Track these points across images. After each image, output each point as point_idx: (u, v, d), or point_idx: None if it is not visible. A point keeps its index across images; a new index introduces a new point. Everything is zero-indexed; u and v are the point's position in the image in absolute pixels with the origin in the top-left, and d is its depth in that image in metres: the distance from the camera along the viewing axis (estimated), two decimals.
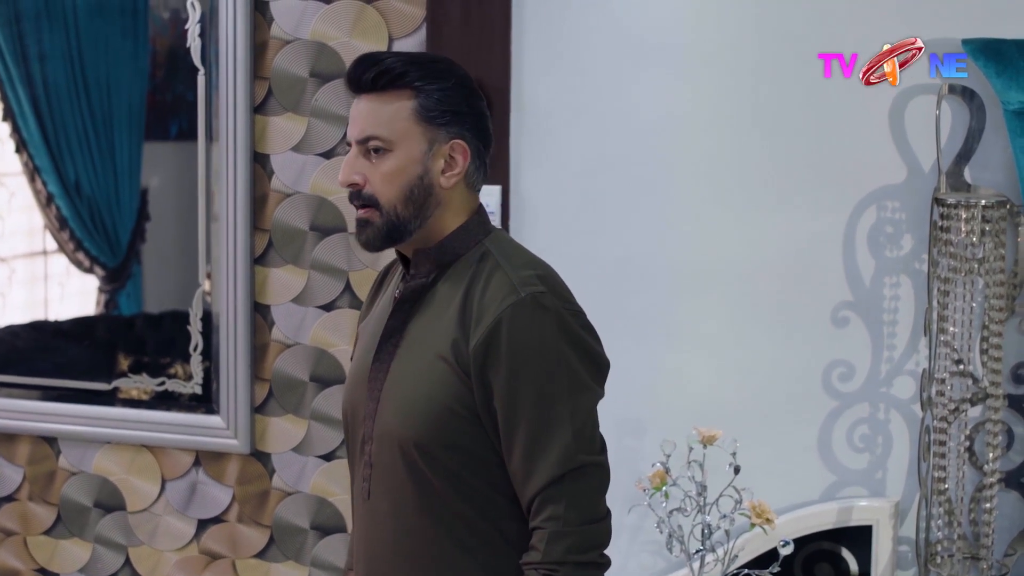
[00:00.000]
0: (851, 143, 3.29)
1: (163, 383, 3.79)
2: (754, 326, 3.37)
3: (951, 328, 3.17)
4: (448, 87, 2.22)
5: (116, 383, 3.84)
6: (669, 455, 3.17)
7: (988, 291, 3.16)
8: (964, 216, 3.13)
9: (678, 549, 3.18)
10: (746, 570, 3.26)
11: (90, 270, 3.92)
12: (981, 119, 3.19)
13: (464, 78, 2.27)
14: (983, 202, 3.13)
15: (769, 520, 3.11)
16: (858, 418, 3.35)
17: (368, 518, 2.28)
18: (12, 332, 3.97)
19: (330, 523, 3.70)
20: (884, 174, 3.28)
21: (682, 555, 3.19)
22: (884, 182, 3.28)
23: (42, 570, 3.97)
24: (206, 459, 3.79)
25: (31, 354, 3.94)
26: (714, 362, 3.40)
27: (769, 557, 3.25)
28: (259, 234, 3.69)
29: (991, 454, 3.17)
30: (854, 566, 3.35)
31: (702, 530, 3.17)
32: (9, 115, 3.87)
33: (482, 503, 2.21)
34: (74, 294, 3.95)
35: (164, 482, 3.84)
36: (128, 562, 3.89)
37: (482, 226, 2.28)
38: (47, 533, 3.95)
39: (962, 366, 3.19)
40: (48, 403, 3.88)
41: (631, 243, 3.42)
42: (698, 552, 3.17)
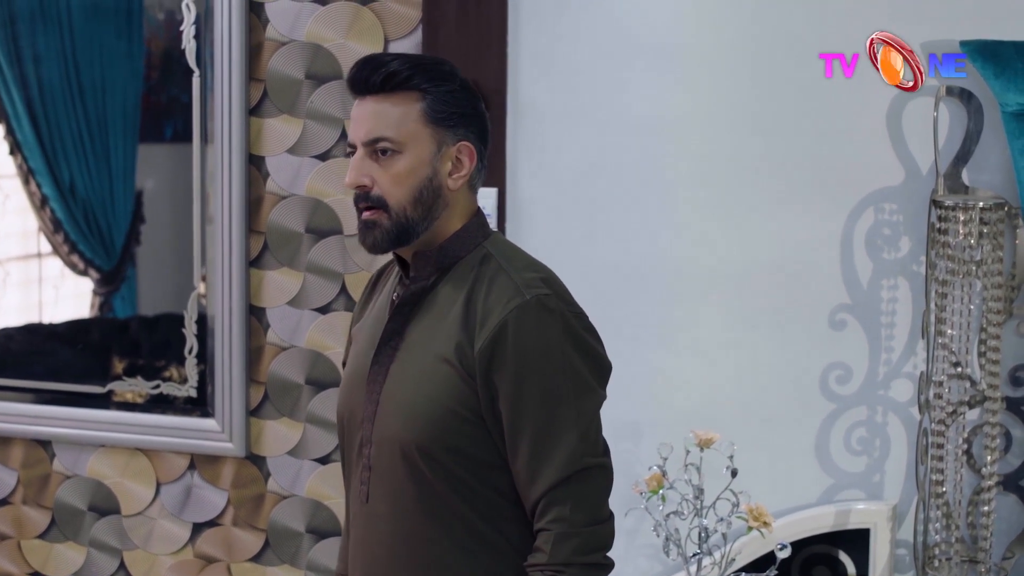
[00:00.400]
0: (848, 145, 3.28)
1: (158, 386, 3.78)
2: (751, 329, 3.37)
3: (949, 331, 3.17)
4: (455, 89, 2.24)
5: (111, 386, 3.83)
6: (666, 458, 3.17)
7: (986, 293, 3.15)
8: (962, 218, 3.12)
9: (675, 552, 3.18)
10: (743, 573, 3.26)
11: (84, 273, 3.91)
12: (979, 121, 3.18)
13: (464, 80, 2.28)
14: (981, 204, 3.12)
15: (766, 523, 3.11)
16: (855, 421, 3.34)
17: (366, 521, 2.27)
18: (6, 335, 3.96)
19: (326, 527, 3.69)
20: (881, 176, 3.28)
21: (679, 558, 3.19)
22: (881, 184, 3.28)
23: (36, 574, 3.95)
24: (201, 462, 3.78)
25: (25, 357, 3.93)
26: (711, 365, 3.39)
27: (766, 560, 3.25)
28: (254, 236, 3.68)
29: (989, 457, 3.16)
30: (852, 569, 3.34)
31: (699, 533, 3.16)
32: (3, 117, 3.85)
33: (483, 505, 2.20)
34: (68, 297, 3.94)
35: (159, 485, 3.82)
36: (123, 566, 3.88)
37: (481, 228, 2.28)
38: (41, 537, 3.94)
39: (960, 369, 3.18)
40: (42, 406, 3.87)
41: (628, 245, 3.42)
42: (695, 555, 3.17)
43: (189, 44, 3.65)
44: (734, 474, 3.13)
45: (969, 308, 3.17)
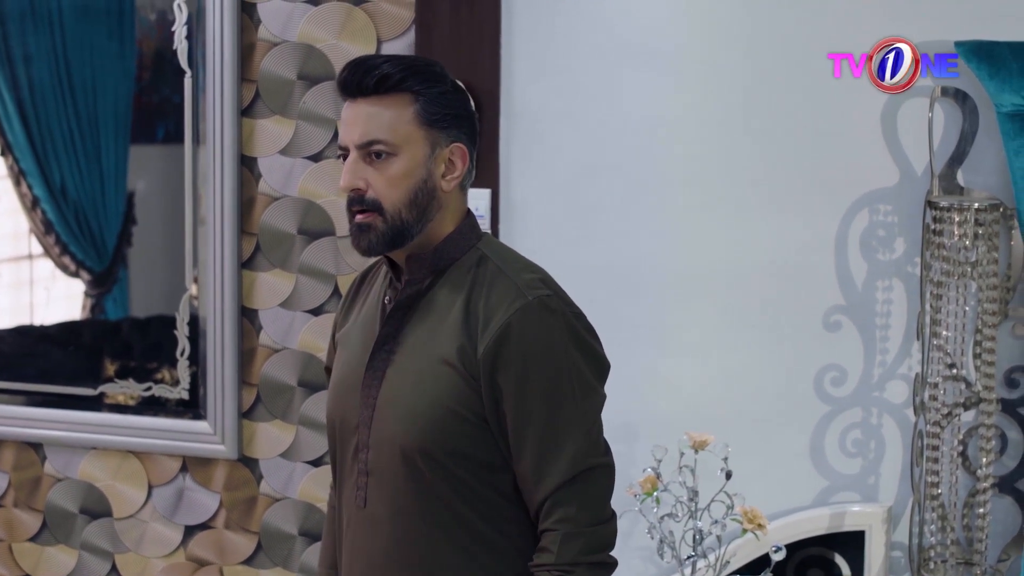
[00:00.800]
0: (843, 146, 3.28)
1: (149, 388, 3.77)
2: (746, 330, 3.36)
3: (944, 332, 3.16)
4: (447, 91, 2.23)
5: (102, 388, 3.81)
6: (660, 460, 3.16)
7: (981, 295, 3.15)
8: (957, 219, 3.11)
9: (669, 555, 3.17)
10: None
11: (76, 274, 3.89)
12: (974, 122, 3.17)
13: (454, 81, 2.28)
14: (976, 205, 3.11)
15: (761, 526, 3.10)
16: (850, 423, 3.34)
17: (363, 526, 2.26)
18: None
19: (318, 529, 3.67)
20: (876, 177, 3.27)
21: (673, 561, 3.18)
22: (876, 185, 3.27)
23: None
24: (193, 465, 3.77)
25: (16, 359, 3.92)
26: (705, 367, 3.39)
27: (761, 563, 3.25)
28: (246, 238, 3.67)
29: (984, 459, 3.16)
30: (847, 572, 3.34)
31: (693, 536, 3.15)
32: None
33: (484, 507, 2.20)
34: (60, 298, 3.93)
35: (151, 488, 3.81)
36: (114, 569, 3.86)
37: (474, 230, 2.28)
38: (32, 540, 3.92)
39: (955, 370, 3.17)
40: (33, 408, 3.86)
41: (622, 247, 3.41)
42: (689, 558, 3.16)
43: (181, 44, 3.64)
44: (728, 476, 3.13)
45: (964, 309, 3.16)
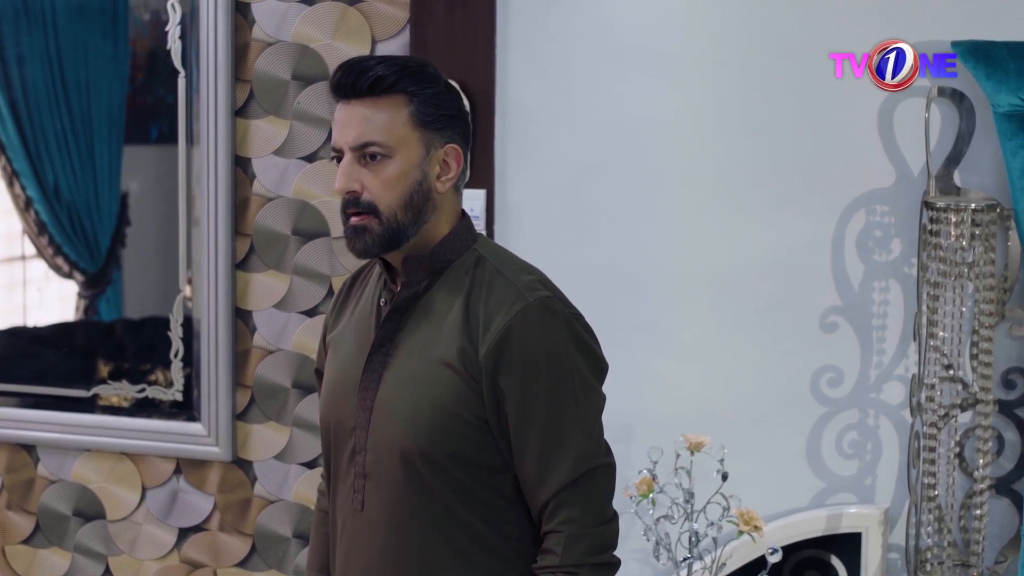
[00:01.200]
0: (839, 147, 3.27)
1: (143, 390, 3.76)
2: (742, 332, 3.35)
3: (941, 333, 3.15)
4: (440, 91, 2.22)
5: (96, 390, 3.80)
6: (656, 462, 3.16)
7: (978, 295, 3.14)
8: (954, 220, 3.10)
9: (665, 557, 3.17)
10: None
11: (69, 275, 3.88)
12: (971, 122, 3.17)
13: (448, 82, 2.27)
14: (973, 206, 3.11)
15: (757, 527, 3.09)
16: (847, 424, 3.33)
17: (360, 530, 2.25)
18: None
19: None
20: (873, 178, 3.26)
21: (669, 563, 3.18)
22: (873, 186, 3.26)
23: None
24: (187, 467, 3.76)
25: (9, 361, 3.90)
26: (702, 368, 3.38)
27: (757, 565, 3.24)
28: (240, 239, 3.66)
29: (981, 460, 3.15)
30: (843, 573, 3.33)
31: (690, 538, 3.15)
32: None
33: (484, 509, 2.20)
34: (53, 300, 3.92)
35: (144, 490, 3.80)
36: (108, 571, 3.85)
37: (470, 231, 2.28)
38: (25, 542, 3.91)
39: (952, 371, 3.17)
40: (26, 410, 3.85)
41: (618, 248, 3.40)
42: (686, 560, 3.16)
43: (175, 44, 3.63)
44: (725, 478, 3.12)
45: (961, 310, 3.16)
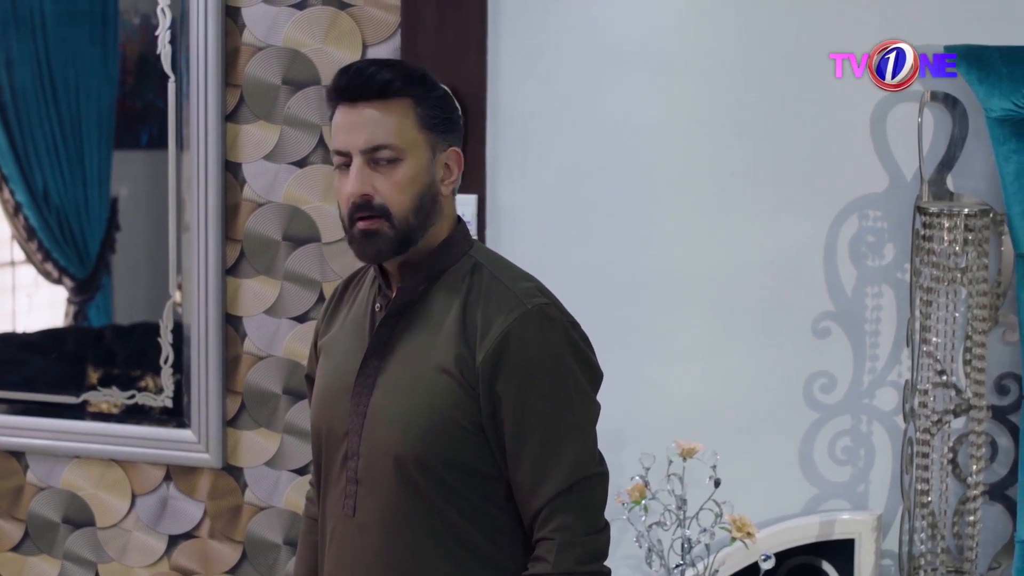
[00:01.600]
0: (832, 151, 3.26)
1: (133, 396, 3.74)
2: (734, 337, 3.34)
3: (934, 338, 3.15)
4: (441, 95, 2.24)
5: (85, 396, 3.79)
6: (648, 468, 3.15)
7: (971, 301, 3.13)
8: (947, 225, 3.10)
9: (658, 564, 3.16)
10: None
11: (59, 281, 3.87)
12: (964, 126, 3.16)
13: (443, 87, 2.29)
14: (966, 211, 3.10)
15: (750, 534, 3.09)
16: (840, 430, 3.32)
17: (352, 535, 2.25)
18: None
19: None
20: (865, 182, 3.26)
21: (662, 570, 3.17)
22: (865, 191, 3.26)
23: None
24: (177, 474, 3.74)
25: None
26: (694, 373, 3.37)
27: (750, 571, 3.23)
28: (231, 244, 3.64)
29: (975, 466, 3.15)
30: None
31: (682, 544, 3.14)
32: None
33: (478, 517, 2.20)
34: (42, 305, 3.90)
35: (134, 497, 3.79)
36: None
37: (466, 237, 2.28)
38: (14, 550, 3.89)
39: (945, 377, 3.16)
40: (15, 417, 3.83)
41: (610, 253, 3.39)
42: (678, 567, 3.15)
43: (164, 49, 3.62)
44: (717, 484, 3.11)
45: (954, 316, 3.15)
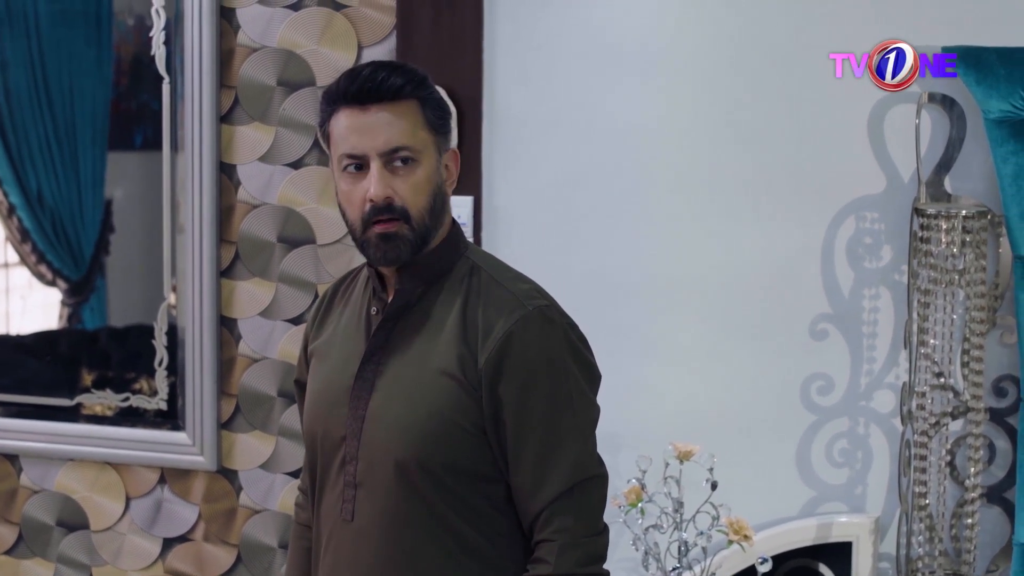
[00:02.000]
0: (829, 153, 3.26)
1: (127, 399, 3.73)
2: (731, 339, 3.33)
3: (931, 340, 3.14)
4: (439, 97, 2.24)
5: (79, 399, 3.78)
6: (645, 471, 3.14)
7: (969, 303, 3.12)
8: (944, 227, 3.09)
9: (654, 567, 3.15)
10: None
11: (53, 283, 3.86)
12: (961, 128, 3.16)
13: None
14: (964, 212, 3.09)
15: (747, 537, 3.08)
16: (837, 432, 3.31)
17: (349, 539, 2.24)
18: None
19: None
20: (863, 184, 3.25)
21: (659, 573, 3.16)
22: (863, 192, 3.25)
23: None
24: (171, 476, 3.73)
25: None
26: (691, 376, 3.36)
27: (747, 575, 3.23)
28: (225, 246, 3.63)
29: (972, 468, 3.14)
30: None
31: (679, 547, 3.13)
32: None
33: (477, 519, 2.19)
34: (36, 307, 3.89)
35: (128, 500, 3.77)
36: None
37: (461, 239, 2.28)
38: (8, 553, 3.89)
39: (943, 379, 3.15)
40: (9, 419, 3.82)
41: (606, 255, 3.39)
42: (675, 570, 3.14)
43: (159, 50, 3.61)
44: (714, 487, 3.10)
45: (952, 318, 3.14)
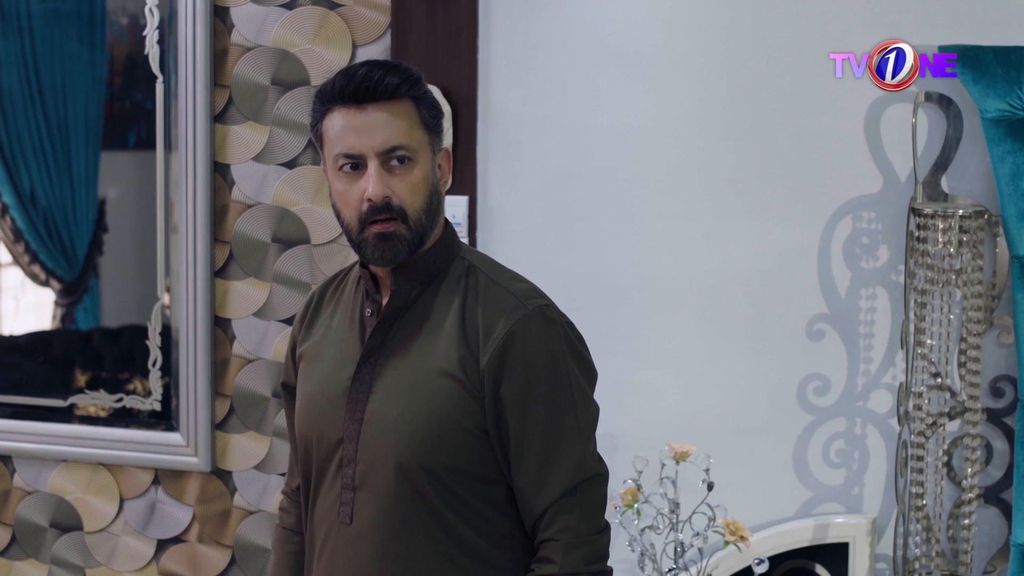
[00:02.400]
0: (825, 153, 3.25)
1: (121, 399, 3.72)
2: (728, 339, 3.33)
3: (928, 341, 3.13)
4: (432, 97, 2.23)
5: (73, 399, 3.77)
6: (641, 472, 3.14)
7: (966, 303, 3.12)
8: (941, 226, 3.08)
9: (651, 568, 3.15)
10: None
11: (46, 283, 3.84)
12: (958, 127, 3.15)
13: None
14: (960, 212, 3.09)
15: (743, 537, 3.08)
16: (834, 433, 3.31)
17: (347, 543, 2.23)
18: None
19: None
20: (859, 184, 3.25)
21: (655, 574, 3.15)
22: (859, 192, 3.25)
23: None
24: (165, 477, 3.72)
25: None
26: (687, 377, 3.36)
27: (744, 575, 3.22)
28: (219, 246, 3.62)
29: (969, 469, 3.13)
30: None
31: (675, 548, 3.13)
32: None
33: (479, 521, 2.19)
34: (29, 308, 3.88)
35: (122, 501, 3.77)
36: None
37: (455, 239, 2.27)
38: (2, 554, 3.88)
39: (940, 379, 3.15)
40: (2, 420, 3.81)
41: (601, 255, 3.38)
42: (671, 571, 3.14)
43: (152, 49, 3.59)
44: (710, 487, 3.10)
45: (949, 318, 3.14)
